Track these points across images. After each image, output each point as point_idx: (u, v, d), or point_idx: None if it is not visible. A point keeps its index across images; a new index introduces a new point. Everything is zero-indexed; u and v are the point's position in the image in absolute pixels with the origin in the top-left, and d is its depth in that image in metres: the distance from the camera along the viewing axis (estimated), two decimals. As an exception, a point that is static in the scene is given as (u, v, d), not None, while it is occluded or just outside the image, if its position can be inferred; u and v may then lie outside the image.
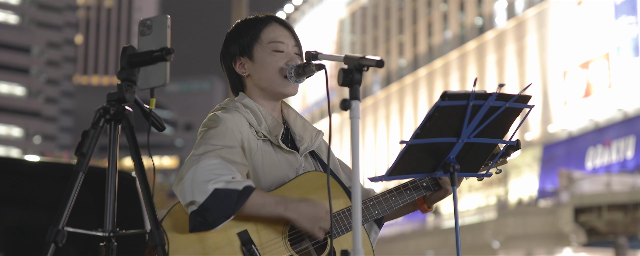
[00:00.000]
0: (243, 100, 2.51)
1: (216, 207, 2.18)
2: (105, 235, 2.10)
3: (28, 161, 4.14)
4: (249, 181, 2.27)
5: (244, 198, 2.21)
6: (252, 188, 2.24)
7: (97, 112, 2.13)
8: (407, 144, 2.28)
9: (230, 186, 2.21)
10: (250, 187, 2.24)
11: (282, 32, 2.54)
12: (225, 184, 2.20)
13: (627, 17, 37.07)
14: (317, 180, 2.41)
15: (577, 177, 32.09)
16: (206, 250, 2.24)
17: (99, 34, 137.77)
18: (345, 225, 2.41)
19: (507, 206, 36.21)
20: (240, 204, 2.21)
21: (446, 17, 52.50)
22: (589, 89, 38.92)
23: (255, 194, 2.25)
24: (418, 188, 2.54)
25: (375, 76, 59.38)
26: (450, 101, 2.22)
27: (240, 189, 2.21)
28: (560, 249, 31.32)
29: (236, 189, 2.21)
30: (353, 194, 2.04)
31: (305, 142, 2.54)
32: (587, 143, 37.51)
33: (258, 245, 2.29)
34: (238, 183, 2.22)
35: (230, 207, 2.20)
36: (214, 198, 2.18)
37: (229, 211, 2.20)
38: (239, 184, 2.22)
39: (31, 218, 3.74)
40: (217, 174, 2.21)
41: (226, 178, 2.22)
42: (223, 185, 2.20)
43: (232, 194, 2.20)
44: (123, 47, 2.10)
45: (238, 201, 2.21)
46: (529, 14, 43.88)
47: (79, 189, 2.08)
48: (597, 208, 28.42)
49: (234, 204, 2.20)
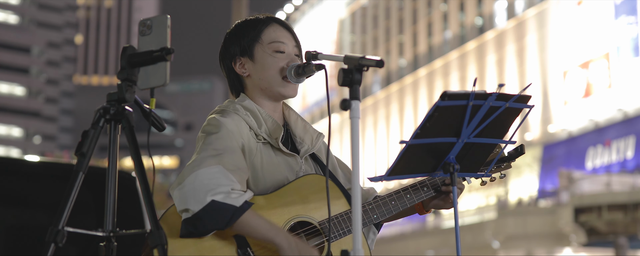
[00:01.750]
0: (243, 102, 2.49)
1: (209, 219, 2.17)
2: (105, 235, 2.09)
3: (28, 161, 4.14)
4: (248, 194, 2.25)
5: (238, 214, 2.20)
6: (249, 205, 2.23)
7: (97, 112, 2.12)
8: (407, 144, 2.28)
9: (228, 201, 2.19)
10: (247, 204, 2.22)
11: (283, 33, 2.54)
12: (223, 198, 2.18)
13: (627, 17, 37.07)
14: (316, 183, 2.41)
15: (577, 177, 32.10)
16: (202, 252, 2.23)
17: (99, 34, 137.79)
18: (344, 228, 2.40)
19: (507, 206, 36.21)
20: (234, 221, 2.20)
21: (446, 17, 52.50)
22: (589, 89, 38.93)
23: (250, 214, 2.23)
24: (418, 191, 2.54)
25: (375, 76, 59.38)
26: (450, 101, 2.22)
27: (237, 207, 2.20)
28: (560, 249, 31.31)
29: (233, 205, 2.19)
30: (353, 195, 2.03)
31: (305, 144, 2.54)
32: (587, 143, 37.52)
33: (254, 247, 2.28)
34: (236, 199, 2.20)
35: (223, 222, 2.19)
36: (209, 210, 2.17)
37: (221, 225, 2.19)
38: (237, 201, 2.20)
39: (31, 218, 3.74)
40: (216, 184, 2.19)
41: (225, 189, 2.20)
42: (221, 198, 2.18)
43: (228, 210, 2.18)
44: (123, 47, 2.10)
45: (232, 217, 2.19)
46: (529, 14, 43.88)
47: (79, 189, 2.08)
48: (597, 208, 28.42)
49: (227, 219, 2.19)
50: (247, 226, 2.23)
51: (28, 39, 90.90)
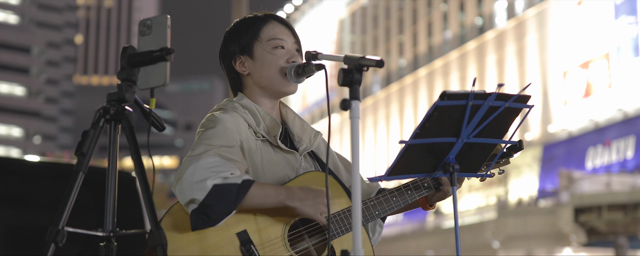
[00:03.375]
0: (241, 100, 2.50)
1: (217, 203, 2.18)
2: (105, 235, 2.09)
3: (28, 161, 4.14)
4: (247, 175, 2.27)
5: (243, 191, 2.21)
6: (251, 181, 2.24)
7: (97, 112, 2.12)
8: (407, 144, 2.28)
9: (229, 181, 2.20)
10: (249, 180, 2.24)
11: (282, 30, 2.54)
12: (223, 180, 2.20)
13: (627, 17, 37.07)
14: (318, 180, 2.41)
15: (577, 177, 32.08)
16: (205, 250, 2.23)
17: (99, 34, 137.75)
18: (346, 225, 2.40)
19: (507, 206, 36.20)
20: (241, 198, 2.21)
21: (446, 17, 52.49)
22: (589, 89, 38.92)
23: (255, 186, 2.24)
24: (419, 188, 2.54)
25: (375, 76, 59.38)
26: (449, 101, 2.22)
27: (239, 183, 2.21)
28: (560, 249, 31.31)
29: (235, 183, 2.20)
30: (353, 194, 2.03)
31: (304, 143, 2.54)
32: (587, 143, 37.51)
33: (257, 245, 2.28)
34: (236, 178, 2.22)
35: (231, 202, 2.19)
36: (213, 194, 2.18)
37: (230, 206, 2.20)
38: (237, 179, 2.22)
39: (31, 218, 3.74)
40: (215, 172, 2.21)
41: (224, 174, 2.21)
42: (221, 181, 2.19)
43: (232, 189, 2.20)
44: (123, 47, 2.10)
45: (238, 195, 2.20)
46: (529, 14, 43.88)
47: (79, 189, 2.08)
48: (597, 208, 28.41)
49: (234, 198, 2.20)
50: (256, 198, 2.25)
51: (28, 39, 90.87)
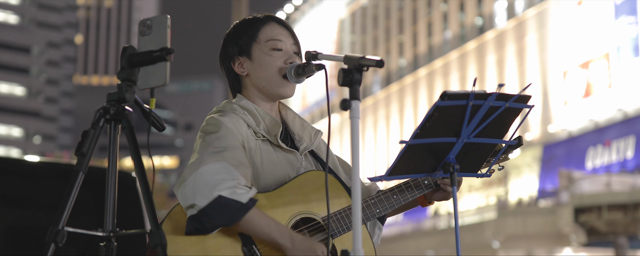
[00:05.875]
0: (240, 102, 2.50)
1: (216, 215, 2.17)
2: (105, 235, 2.09)
3: (28, 161, 4.13)
4: (253, 191, 2.25)
5: (243, 212, 2.20)
6: (254, 202, 2.23)
7: (97, 112, 2.12)
8: (407, 144, 2.28)
9: (234, 197, 2.19)
10: (252, 201, 2.23)
11: (280, 31, 2.53)
12: (229, 193, 2.18)
13: (627, 17, 37.07)
14: (318, 179, 2.41)
15: (577, 177, 32.08)
16: (207, 251, 2.23)
17: (99, 34, 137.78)
18: (346, 224, 2.40)
19: (507, 206, 36.19)
20: (239, 218, 2.20)
21: (446, 17, 52.50)
22: (589, 89, 38.93)
23: (255, 212, 2.23)
24: (420, 186, 2.54)
25: (375, 76, 59.38)
26: (449, 101, 2.21)
27: (243, 203, 2.20)
28: (560, 249, 31.32)
29: (239, 201, 2.19)
30: (353, 194, 2.03)
31: (304, 142, 2.54)
32: (587, 143, 37.51)
33: (259, 244, 2.28)
34: (242, 195, 2.20)
35: (229, 218, 2.19)
36: (215, 205, 2.17)
37: (227, 221, 2.19)
38: (243, 197, 2.20)
39: (31, 218, 3.73)
40: (220, 180, 2.20)
41: (230, 184, 2.20)
42: (227, 194, 2.18)
43: (234, 206, 2.18)
44: (123, 47, 2.10)
45: (238, 214, 2.19)
46: (529, 14, 43.88)
47: (79, 189, 2.08)
48: (597, 208, 28.41)
49: (233, 215, 2.19)
50: (251, 224, 2.23)
51: (28, 39, 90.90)
